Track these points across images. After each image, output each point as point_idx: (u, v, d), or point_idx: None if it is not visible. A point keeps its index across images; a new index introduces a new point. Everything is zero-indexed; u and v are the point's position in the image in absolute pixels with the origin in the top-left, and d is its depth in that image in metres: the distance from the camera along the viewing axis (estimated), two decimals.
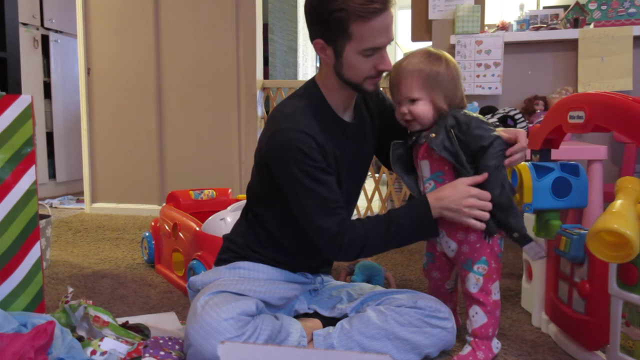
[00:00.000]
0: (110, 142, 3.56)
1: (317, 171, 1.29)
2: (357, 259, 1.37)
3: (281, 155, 1.29)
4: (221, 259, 1.50)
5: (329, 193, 1.31)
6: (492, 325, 1.37)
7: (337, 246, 1.31)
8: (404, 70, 1.35)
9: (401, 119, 1.38)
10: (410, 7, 3.00)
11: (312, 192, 1.29)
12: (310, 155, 1.28)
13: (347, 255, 1.34)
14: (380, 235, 1.32)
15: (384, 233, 1.32)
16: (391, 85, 1.38)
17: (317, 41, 1.32)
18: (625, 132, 1.28)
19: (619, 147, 2.64)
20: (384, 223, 1.33)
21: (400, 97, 1.36)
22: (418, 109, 1.34)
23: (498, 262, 1.39)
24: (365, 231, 1.32)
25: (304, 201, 1.30)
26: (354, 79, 1.33)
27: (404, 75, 1.34)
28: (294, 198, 1.32)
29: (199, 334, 1.21)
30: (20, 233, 1.44)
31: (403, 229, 1.33)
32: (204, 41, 3.36)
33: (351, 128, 1.43)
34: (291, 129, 1.29)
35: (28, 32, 3.88)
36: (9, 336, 1.16)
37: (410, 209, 1.35)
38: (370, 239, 1.32)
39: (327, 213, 1.30)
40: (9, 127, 1.43)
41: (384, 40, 1.28)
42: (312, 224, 1.31)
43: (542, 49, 2.78)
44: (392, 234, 1.32)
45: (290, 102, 1.38)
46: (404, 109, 1.35)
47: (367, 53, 1.28)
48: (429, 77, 1.33)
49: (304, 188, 1.29)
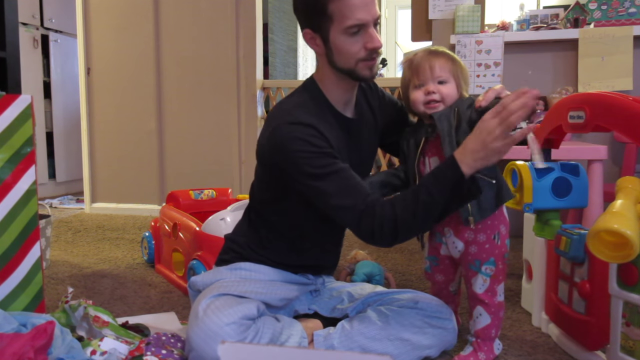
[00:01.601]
0: (110, 142, 3.56)
1: (324, 157, 1.26)
2: (396, 241, 1.25)
3: (285, 149, 1.27)
4: (222, 259, 1.49)
5: (343, 173, 1.25)
6: (495, 327, 1.37)
7: (369, 226, 1.22)
8: (435, 52, 1.37)
9: (425, 100, 1.34)
10: (410, 7, 3.00)
11: (325, 177, 1.24)
12: (314, 142, 1.25)
13: (383, 236, 1.22)
14: (410, 210, 1.20)
15: (414, 207, 1.20)
16: (417, 66, 1.36)
17: (305, 32, 1.32)
18: (625, 132, 1.28)
19: (619, 147, 2.64)
20: (412, 196, 1.21)
21: (431, 76, 1.34)
22: (446, 89, 1.34)
23: (504, 263, 1.39)
24: (392, 211, 1.20)
25: (320, 189, 1.25)
26: (347, 64, 1.31)
27: (436, 57, 1.35)
28: (309, 189, 1.27)
29: (201, 338, 1.21)
30: (20, 233, 1.44)
31: (435, 199, 1.19)
32: (204, 41, 3.36)
33: (352, 124, 1.41)
34: (290, 122, 1.27)
35: (28, 32, 3.88)
36: (8, 336, 1.16)
37: (438, 171, 1.22)
38: (401, 217, 1.20)
39: (347, 194, 1.23)
40: (8, 127, 1.43)
41: (365, 16, 1.25)
42: (337, 208, 1.25)
43: (542, 49, 2.78)
44: (424, 207, 1.20)
45: (289, 99, 1.38)
46: (433, 88, 1.34)
47: (352, 31, 1.26)
48: (456, 63, 1.37)
49: (315, 176, 1.25)
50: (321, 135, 1.27)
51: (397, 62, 6.68)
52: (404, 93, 1.42)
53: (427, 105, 1.35)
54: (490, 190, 1.33)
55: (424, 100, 1.35)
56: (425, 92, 1.34)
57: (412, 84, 1.37)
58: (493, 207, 1.35)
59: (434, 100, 1.34)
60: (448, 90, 1.34)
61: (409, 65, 1.38)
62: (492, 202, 1.35)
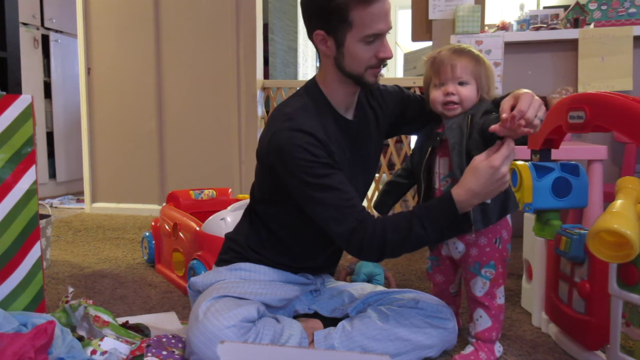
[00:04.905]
0: (110, 142, 3.56)
1: (322, 167, 1.26)
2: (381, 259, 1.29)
3: (284, 156, 1.27)
4: (222, 259, 1.49)
5: (340, 186, 1.26)
6: (496, 329, 1.37)
7: (359, 242, 1.24)
8: (458, 51, 1.35)
9: (443, 101, 1.34)
10: (410, 7, 3.00)
11: (321, 188, 1.25)
12: (313, 152, 1.26)
13: (370, 253, 1.26)
14: (400, 237, 1.24)
15: (404, 236, 1.24)
16: (439, 64, 1.35)
17: (317, 33, 1.31)
18: (625, 132, 1.28)
19: (619, 147, 2.64)
20: (405, 223, 1.24)
21: (451, 77, 1.33)
22: (466, 91, 1.33)
23: (505, 267, 1.39)
24: (383, 233, 1.24)
25: (315, 199, 1.26)
26: (356, 70, 1.31)
27: (459, 57, 1.34)
28: (304, 198, 1.28)
29: (201, 341, 1.21)
30: (21, 233, 1.44)
31: (426, 232, 1.23)
32: (204, 41, 3.36)
33: (354, 126, 1.41)
34: (291, 128, 1.27)
35: (28, 32, 3.88)
36: (9, 336, 1.16)
37: (434, 208, 1.26)
38: (389, 242, 1.24)
39: (339, 209, 1.25)
40: (9, 127, 1.43)
41: (384, 26, 1.27)
42: (325, 221, 1.27)
43: (542, 49, 2.78)
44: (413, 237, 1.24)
45: (290, 102, 1.37)
46: (452, 89, 1.33)
47: (369, 40, 1.27)
48: (480, 63, 1.35)
49: (312, 186, 1.25)
50: (320, 144, 1.27)
51: (397, 62, 6.68)
52: (425, 90, 1.42)
53: (445, 107, 1.34)
54: (496, 200, 1.33)
55: (442, 101, 1.35)
56: (444, 92, 1.34)
57: (433, 83, 1.37)
58: (497, 217, 1.35)
59: (452, 101, 1.33)
60: (468, 92, 1.33)
61: (431, 63, 1.38)
62: (496, 212, 1.34)
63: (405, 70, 3.70)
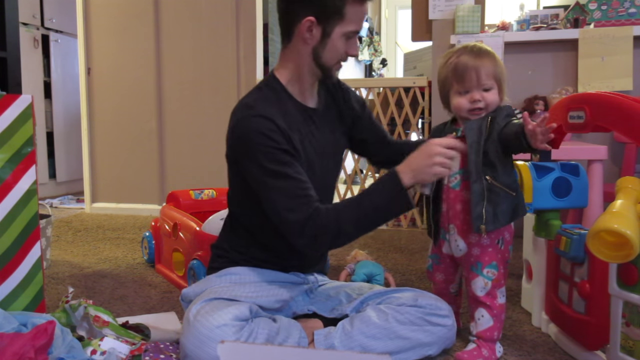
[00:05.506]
0: (110, 142, 3.56)
1: (280, 153, 1.28)
2: (335, 247, 1.33)
3: (242, 142, 1.30)
4: (212, 267, 1.50)
5: (296, 175, 1.28)
6: (497, 329, 1.38)
7: (308, 235, 1.27)
8: (479, 54, 1.35)
9: (470, 108, 1.35)
10: (410, 7, 3.01)
11: (277, 175, 1.27)
12: (271, 136, 1.27)
13: (320, 243, 1.30)
14: (353, 216, 1.27)
15: (357, 213, 1.27)
16: (462, 72, 1.35)
17: (307, 19, 1.31)
18: (625, 132, 1.28)
19: (619, 147, 2.64)
20: (355, 203, 1.28)
21: (476, 84, 1.34)
22: (491, 96, 1.35)
23: (506, 268, 1.40)
24: (336, 216, 1.26)
25: (271, 186, 1.27)
26: (329, 62, 1.37)
27: (482, 61, 1.34)
28: (260, 185, 1.29)
29: (193, 343, 1.21)
30: (21, 233, 1.44)
31: (376, 205, 1.27)
32: (204, 41, 3.36)
33: (317, 113, 1.45)
34: (250, 115, 1.30)
35: (28, 32, 3.88)
36: (9, 336, 1.16)
37: (380, 183, 1.30)
38: (344, 223, 1.26)
39: (294, 197, 1.26)
40: (9, 127, 1.43)
41: (362, 26, 1.36)
42: (278, 211, 1.28)
43: (542, 49, 2.78)
44: (365, 213, 1.27)
45: (250, 95, 1.40)
46: (478, 96, 1.34)
47: (350, 35, 1.34)
48: (498, 64, 1.36)
49: (269, 172, 1.27)
50: (279, 130, 1.29)
51: (397, 62, 6.68)
52: (442, 93, 1.43)
53: (472, 112, 1.36)
54: (508, 203, 1.34)
55: (469, 108, 1.36)
56: (471, 99, 1.35)
57: (456, 90, 1.37)
58: (507, 220, 1.36)
59: (479, 108, 1.35)
60: (492, 97, 1.35)
61: (453, 70, 1.37)
62: (507, 215, 1.35)
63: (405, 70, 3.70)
